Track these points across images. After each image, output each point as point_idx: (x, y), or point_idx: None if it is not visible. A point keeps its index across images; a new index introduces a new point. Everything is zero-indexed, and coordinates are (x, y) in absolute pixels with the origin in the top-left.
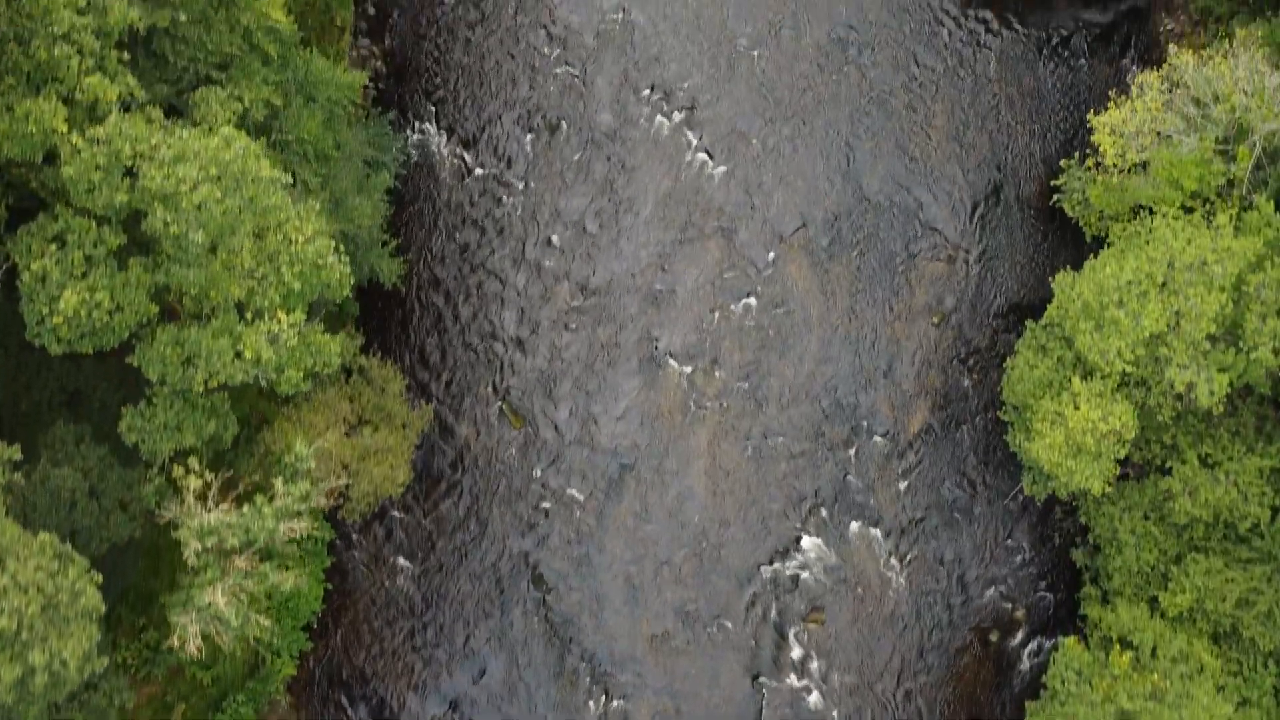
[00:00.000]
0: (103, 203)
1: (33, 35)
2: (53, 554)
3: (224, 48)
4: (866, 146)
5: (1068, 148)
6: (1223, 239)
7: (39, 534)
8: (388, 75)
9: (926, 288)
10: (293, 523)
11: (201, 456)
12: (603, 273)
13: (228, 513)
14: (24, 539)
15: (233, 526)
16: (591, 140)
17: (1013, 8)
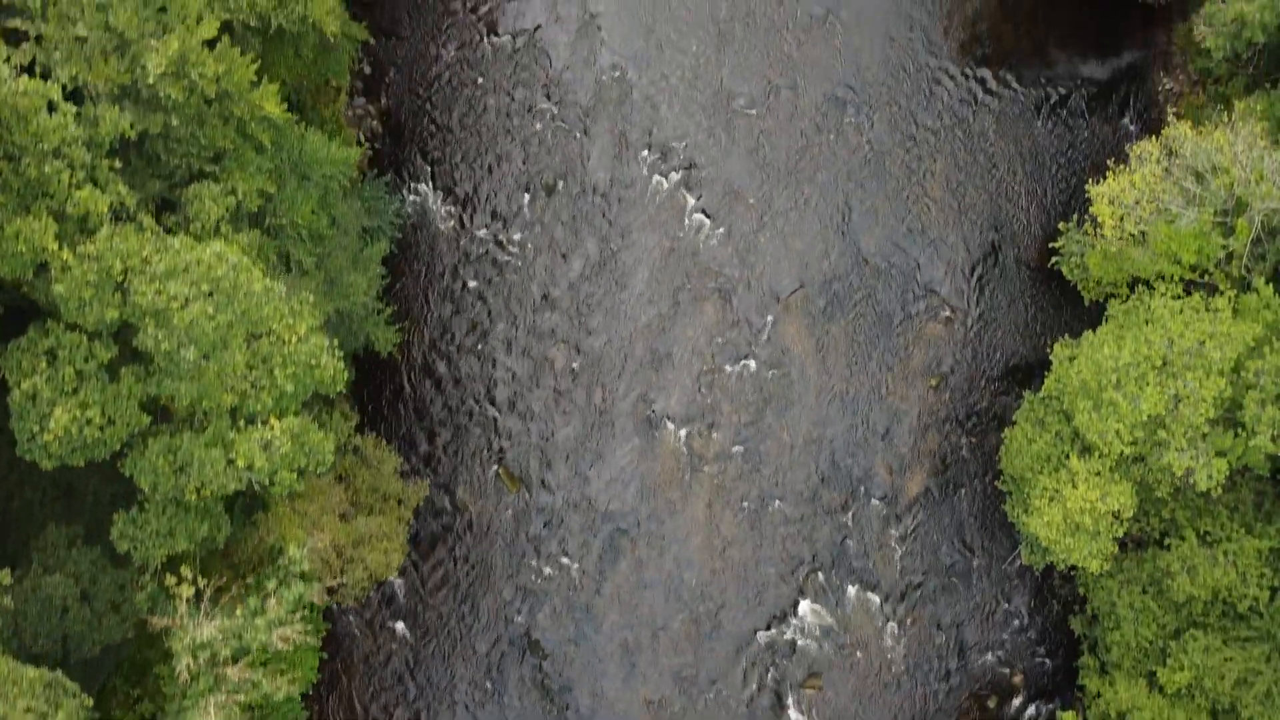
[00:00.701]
0: (94, 319)
1: (23, 153)
2: (43, 689)
3: (217, 142)
4: (864, 207)
5: (1066, 208)
6: (1221, 323)
7: (28, 669)
8: (384, 134)
9: (924, 350)
10: (286, 629)
11: (195, 558)
12: (600, 334)
13: (220, 624)
14: (14, 674)
15: (225, 637)
16: (589, 200)
17: (1011, 67)
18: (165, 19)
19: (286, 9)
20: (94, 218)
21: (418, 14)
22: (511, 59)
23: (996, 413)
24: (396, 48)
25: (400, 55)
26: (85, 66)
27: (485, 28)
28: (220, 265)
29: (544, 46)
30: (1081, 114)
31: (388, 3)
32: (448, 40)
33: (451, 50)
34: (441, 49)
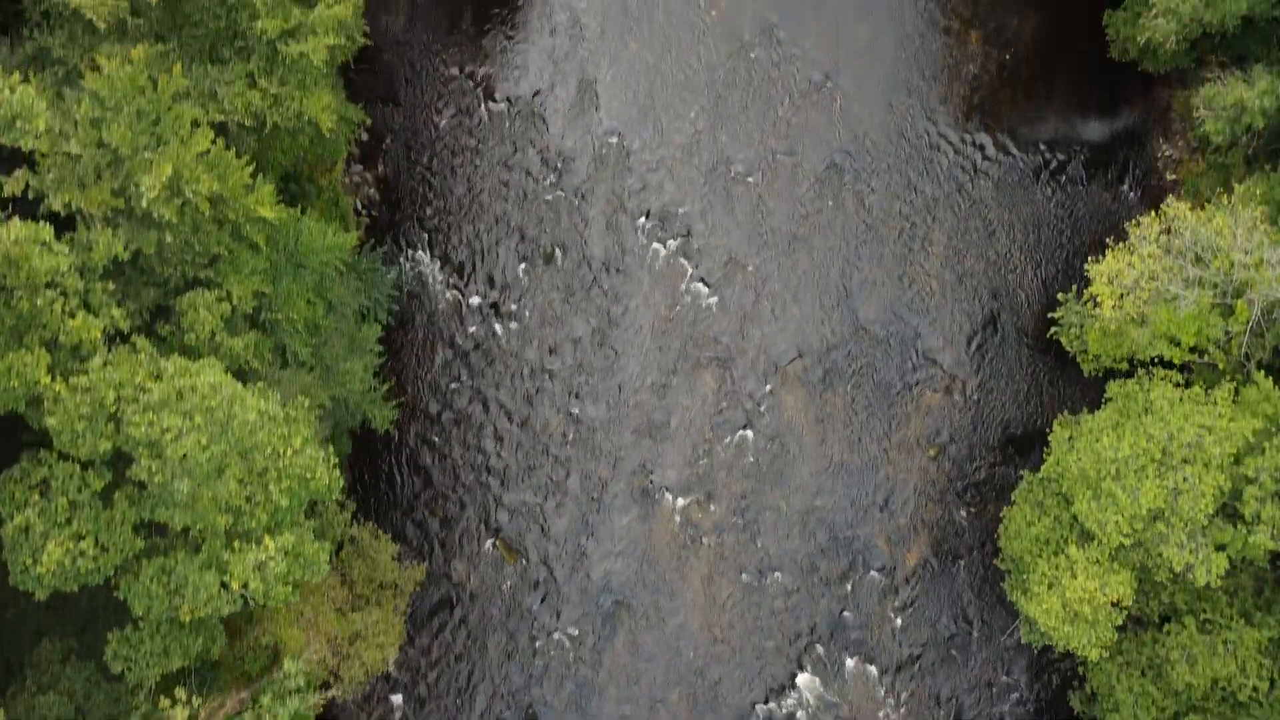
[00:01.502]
0: (87, 450)
1: (14, 287)
2: None
3: (212, 248)
4: (863, 274)
5: (1065, 276)
6: (1220, 417)
7: None
8: (381, 202)
9: (923, 419)
10: None
11: (190, 672)
12: (598, 404)
13: None
14: None
15: None
16: (587, 268)
17: (1010, 133)
18: (159, 130)
19: (282, 108)
20: (87, 345)
21: (415, 80)
22: (509, 125)
23: (995, 483)
24: (394, 114)
25: (398, 122)
26: (79, 192)
27: (483, 94)
28: (214, 396)
29: (541, 113)
30: (1080, 180)
31: (385, 69)
32: (445, 107)
33: (449, 117)
34: (439, 116)
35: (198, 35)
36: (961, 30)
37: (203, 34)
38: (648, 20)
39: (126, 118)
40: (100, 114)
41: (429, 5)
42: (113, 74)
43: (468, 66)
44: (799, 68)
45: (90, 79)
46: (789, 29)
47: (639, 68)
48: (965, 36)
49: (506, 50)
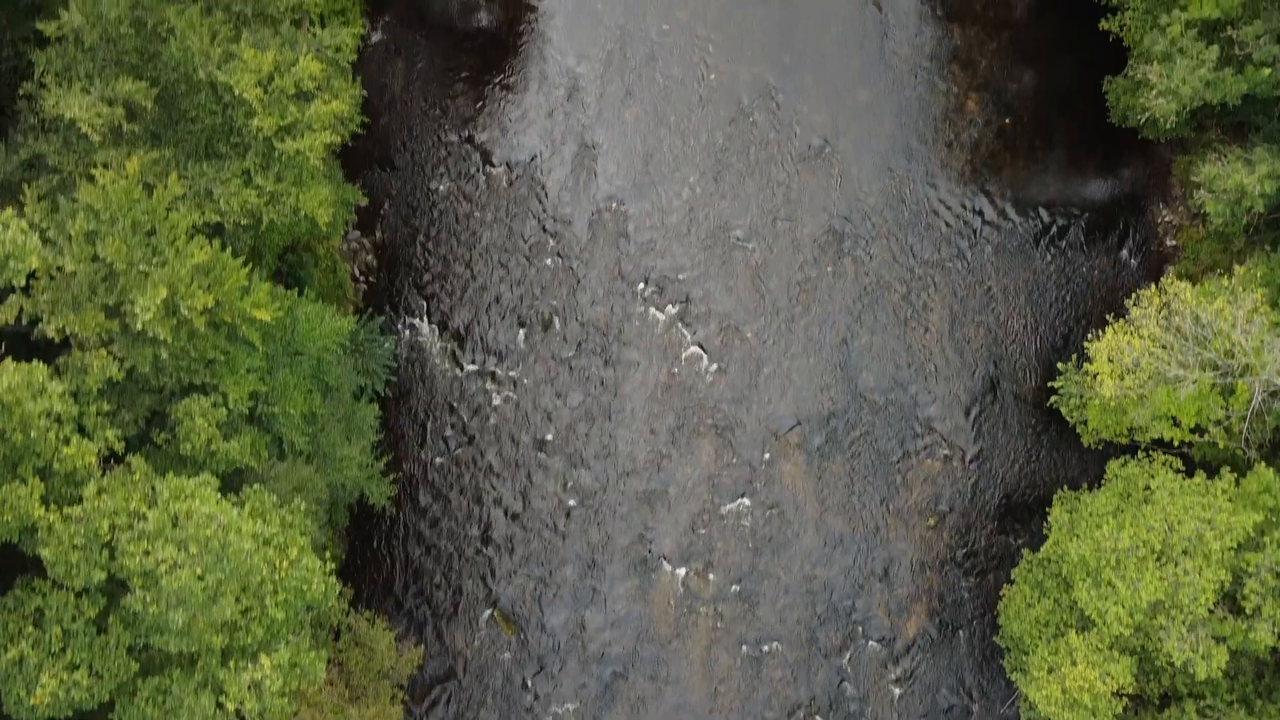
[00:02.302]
0: (81, 580)
1: (7, 428)
2: None
3: (208, 354)
4: (862, 341)
5: (1065, 343)
6: (1221, 512)
7: None
8: (379, 268)
9: (922, 487)
10: None
11: None
12: (595, 472)
13: None
14: None
15: None
16: (584, 335)
17: (1009, 198)
18: (154, 241)
19: (278, 205)
20: (81, 471)
21: (413, 144)
22: (508, 190)
23: (995, 552)
24: (391, 179)
25: (395, 187)
26: (73, 315)
27: (481, 158)
28: (209, 525)
29: (540, 177)
30: (1080, 246)
31: (382, 134)
32: (443, 171)
33: (447, 181)
34: (437, 180)
35: (194, 131)
36: (960, 95)
37: (199, 129)
38: (647, 85)
39: (121, 231)
40: (95, 226)
41: (427, 69)
42: (107, 187)
43: (466, 131)
44: (798, 132)
45: (85, 191)
46: (788, 93)
47: (638, 132)
48: (964, 101)
49: (505, 115)
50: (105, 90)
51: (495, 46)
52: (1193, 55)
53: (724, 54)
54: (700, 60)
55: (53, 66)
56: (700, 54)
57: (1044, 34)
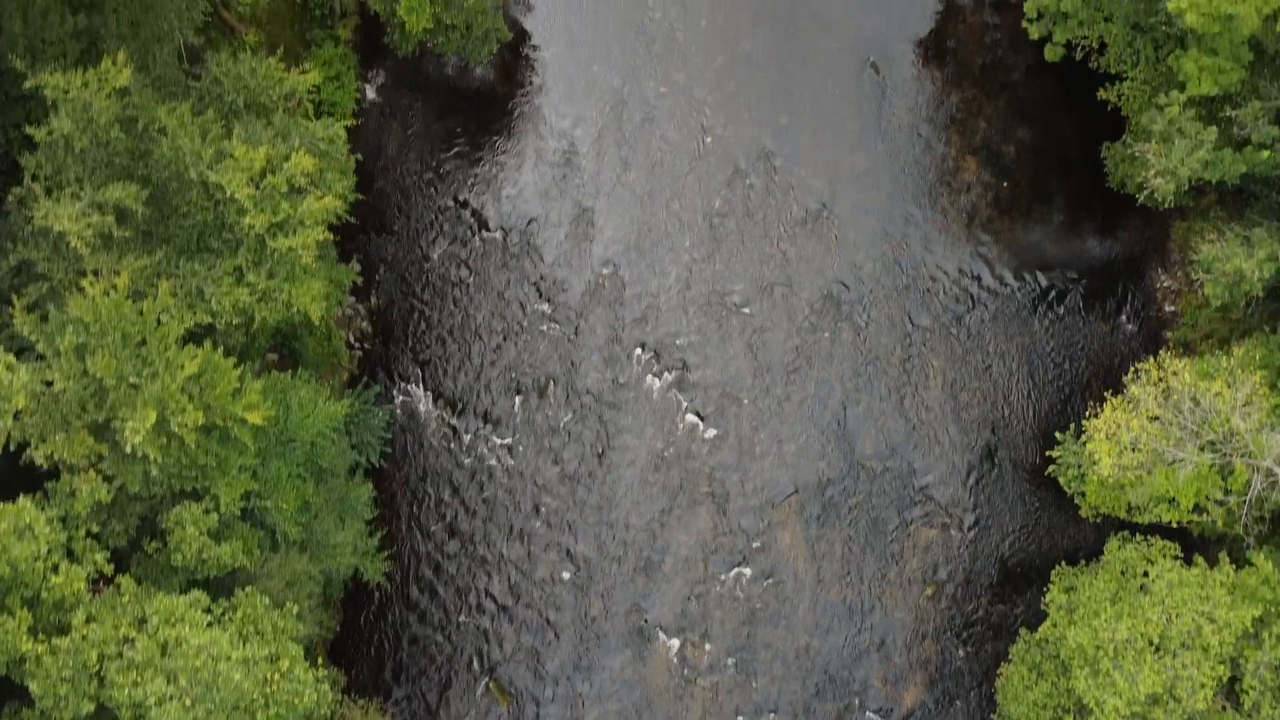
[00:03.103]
0: (70, 713)
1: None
2: None
3: (199, 460)
4: (859, 408)
5: (1063, 410)
6: (1219, 606)
7: None
8: (374, 334)
9: (920, 556)
10: None
11: None
12: (591, 541)
13: None
14: None
15: None
16: (580, 402)
17: (1007, 263)
18: (145, 353)
19: (271, 303)
20: (70, 598)
21: (408, 208)
22: (503, 255)
23: (993, 622)
24: (387, 244)
25: (390, 252)
26: (62, 436)
27: (476, 223)
28: (198, 656)
29: (536, 243)
30: (1078, 311)
31: (378, 197)
32: (439, 235)
33: (442, 246)
34: (432, 245)
35: (185, 226)
36: (958, 158)
37: (190, 225)
38: (644, 147)
39: (111, 345)
40: (84, 339)
41: (422, 131)
42: (97, 300)
43: (461, 194)
44: (795, 196)
45: (74, 304)
46: (785, 156)
47: (635, 196)
48: (962, 164)
49: (501, 178)
50: (95, 195)
51: (491, 108)
52: (1191, 135)
53: (721, 117)
54: (697, 123)
55: (43, 171)
56: (697, 117)
57: (1042, 97)
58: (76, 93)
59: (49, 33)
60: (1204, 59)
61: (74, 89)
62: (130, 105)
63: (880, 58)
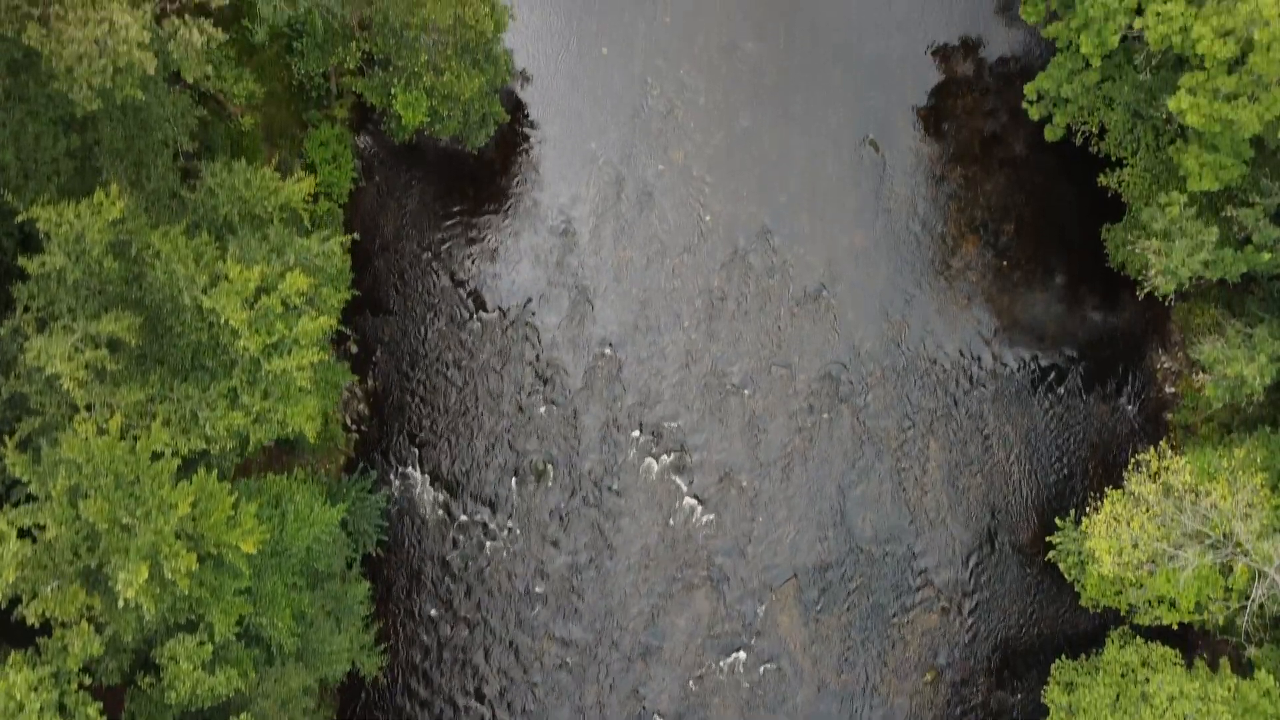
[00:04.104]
0: None
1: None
2: None
3: (193, 594)
4: (858, 491)
5: (1064, 491)
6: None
7: None
8: (371, 416)
9: (919, 641)
10: None
11: None
12: (589, 626)
13: None
14: None
15: None
16: (578, 485)
17: (1007, 343)
18: (137, 491)
19: (265, 424)
20: None
21: (406, 289)
22: (501, 335)
23: (993, 708)
24: (383, 325)
25: (387, 333)
26: (55, 593)
27: (473, 303)
28: None
29: (534, 322)
30: (1078, 392)
31: (375, 276)
32: (436, 316)
33: (440, 327)
34: (430, 326)
35: (180, 347)
36: (958, 236)
37: (185, 345)
38: (642, 226)
39: (104, 489)
40: (77, 481)
41: (419, 210)
42: (90, 441)
43: (459, 274)
44: (794, 275)
45: (67, 445)
46: (784, 235)
47: (633, 275)
48: (961, 243)
49: (498, 258)
50: (88, 328)
51: (488, 185)
52: (1192, 235)
53: (720, 195)
54: (696, 201)
55: (35, 303)
56: (696, 195)
57: (1043, 174)
58: (69, 225)
59: (42, 155)
60: (1205, 155)
61: (67, 221)
62: (124, 230)
63: (879, 135)
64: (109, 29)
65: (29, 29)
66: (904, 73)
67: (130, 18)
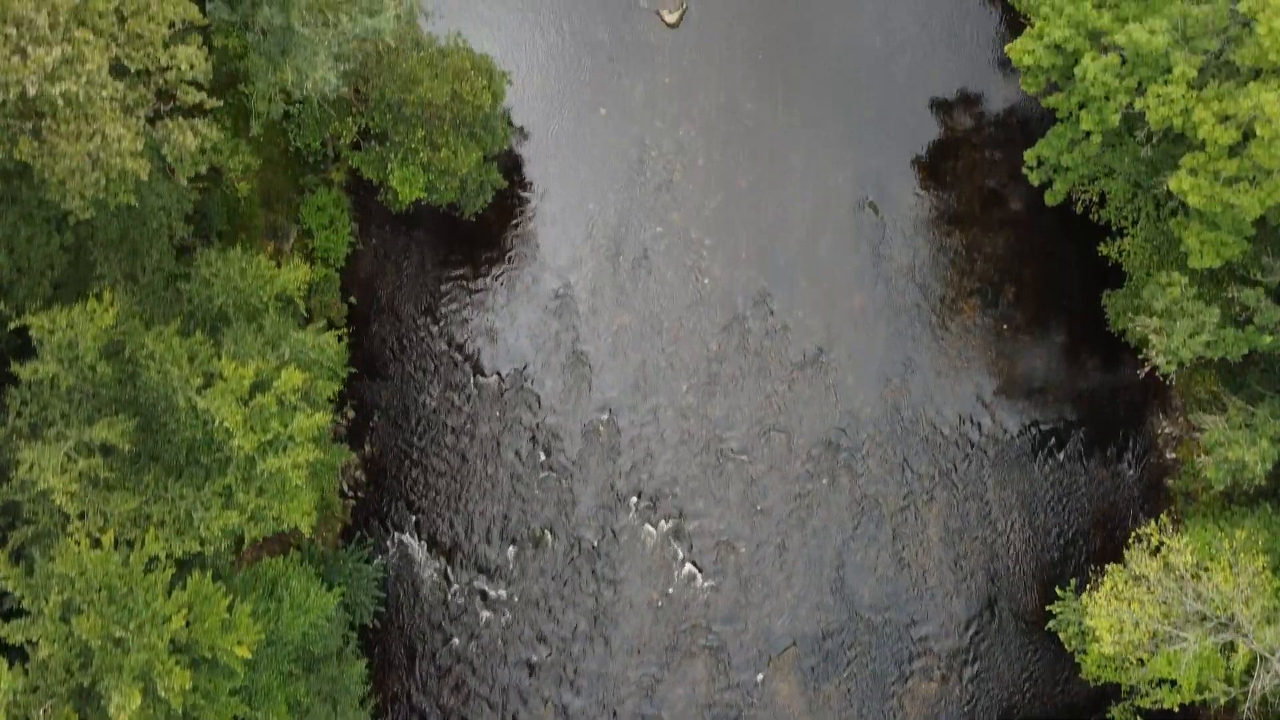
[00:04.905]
0: None
1: None
2: None
3: (186, 703)
4: (858, 557)
5: (1064, 559)
6: None
7: None
8: (368, 482)
9: (919, 710)
10: None
11: None
12: (587, 696)
13: None
14: None
15: None
16: (576, 552)
17: (1007, 408)
18: (130, 603)
19: (261, 521)
20: None
21: (403, 353)
22: (499, 401)
23: None
24: (380, 390)
25: (384, 398)
26: (50, 717)
27: (471, 367)
28: None
29: (531, 387)
30: (1079, 457)
31: (372, 341)
32: (433, 381)
33: (437, 391)
34: (427, 391)
35: (174, 443)
36: (957, 299)
37: (179, 441)
38: (640, 291)
39: (98, 604)
40: (70, 596)
41: (416, 273)
42: (84, 555)
43: (457, 338)
44: (793, 339)
45: (60, 560)
46: (783, 299)
47: (631, 339)
48: (961, 306)
49: (496, 321)
50: (81, 435)
51: (486, 248)
52: (1193, 315)
53: (717, 257)
54: (694, 264)
55: (28, 409)
56: (694, 257)
57: (1043, 237)
58: (62, 333)
59: (35, 254)
60: (1205, 233)
61: (60, 329)
62: (117, 332)
63: (878, 197)
64: (101, 142)
65: (21, 144)
66: (904, 132)
67: (124, 128)
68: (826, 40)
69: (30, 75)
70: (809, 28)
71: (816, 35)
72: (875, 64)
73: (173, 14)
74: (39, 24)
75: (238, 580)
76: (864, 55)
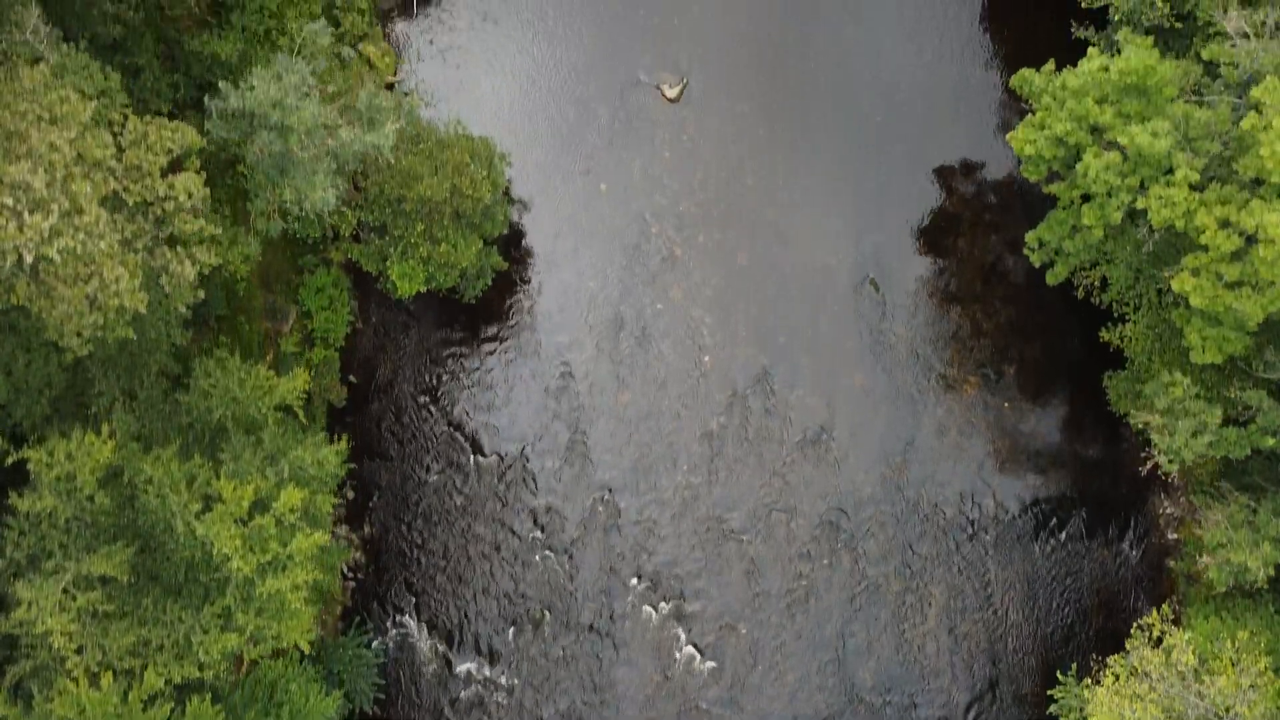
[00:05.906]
0: None
1: None
2: None
3: None
4: (859, 638)
5: (1065, 641)
6: None
7: None
8: (367, 564)
9: None
10: None
11: None
12: None
13: None
14: None
15: None
16: (576, 634)
17: (1008, 490)
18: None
19: (261, 644)
20: None
21: (402, 434)
22: (498, 481)
23: None
24: (380, 470)
25: (384, 478)
26: None
27: (471, 448)
28: None
29: (531, 467)
30: (1080, 538)
31: (372, 420)
32: (433, 461)
33: (437, 472)
34: (426, 471)
35: (173, 562)
36: (958, 378)
37: (178, 561)
38: (640, 370)
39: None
40: None
41: (416, 352)
42: (82, 698)
43: (456, 417)
44: (794, 418)
45: (59, 702)
46: (783, 378)
47: (630, 419)
48: (961, 385)
49: (496, 401)
50: (79, 568)
51: (485, 326)
52: (1195, 415)
53: (718, 335)
54: (694, 342)
55: (26, 540)
56: (694, 335)
57: (1044, 315)
58: (60, 467)
59: (33, 377)
60: (1208, 329)
61: (57, 463)
62: (116, 456)
63: (879, 273)
64: (100, 284)
65: (18, 288)
66: (905, 206)
67: (122, 269)
68: (828, 114)
69: (27, 242)
70: (810, 101)
71: (818, 110)
72: (877, 138)
73: (171, 143)
74: (35, 187)
75: (236, 698)
76: (866, 129)
